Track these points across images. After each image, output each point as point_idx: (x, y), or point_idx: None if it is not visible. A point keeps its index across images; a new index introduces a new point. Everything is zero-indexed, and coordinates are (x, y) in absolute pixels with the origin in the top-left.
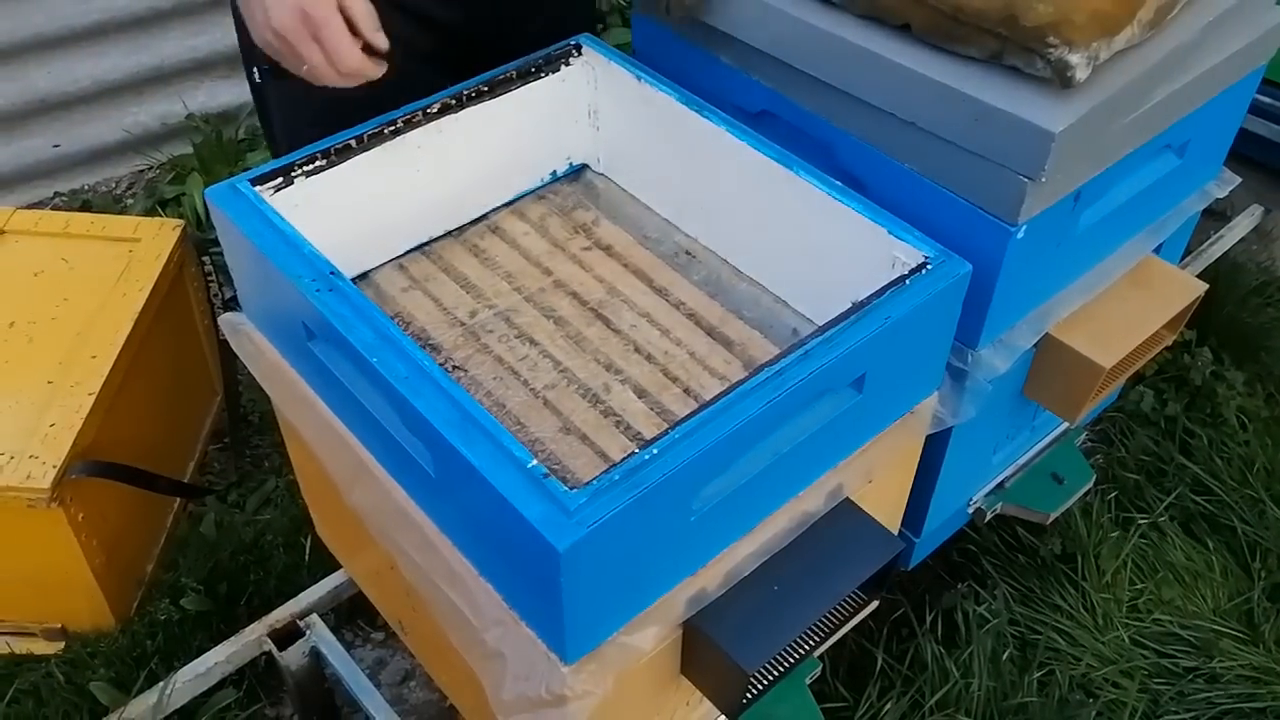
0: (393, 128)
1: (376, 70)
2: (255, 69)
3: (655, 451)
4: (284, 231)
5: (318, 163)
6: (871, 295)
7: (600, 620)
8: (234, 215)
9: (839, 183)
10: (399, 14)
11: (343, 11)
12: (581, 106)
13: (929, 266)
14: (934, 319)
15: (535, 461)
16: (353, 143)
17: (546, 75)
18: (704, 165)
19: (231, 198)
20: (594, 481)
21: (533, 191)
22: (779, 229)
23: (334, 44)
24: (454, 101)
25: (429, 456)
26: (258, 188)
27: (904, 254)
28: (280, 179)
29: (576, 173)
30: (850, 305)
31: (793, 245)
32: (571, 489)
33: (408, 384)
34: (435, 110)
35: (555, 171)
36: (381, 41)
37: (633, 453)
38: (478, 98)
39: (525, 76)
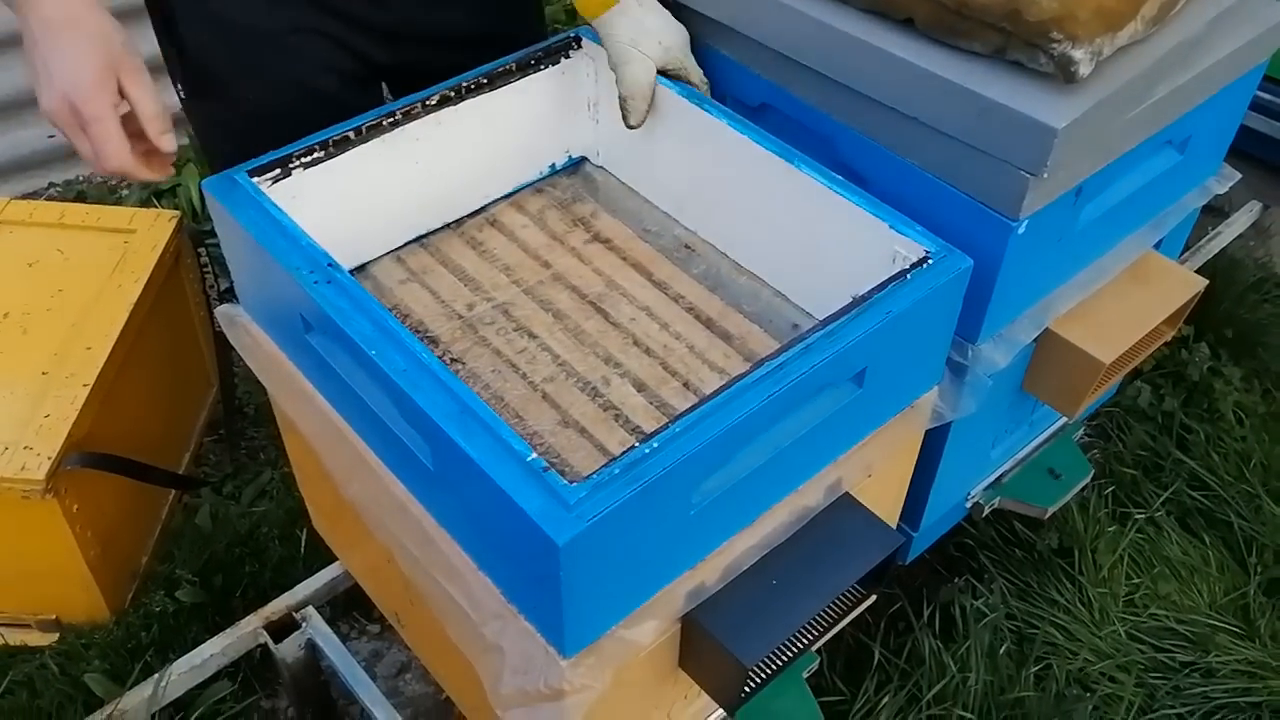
0: (391, 120)
1: (152, 174)
2: (177, 86)
3: (655, 445)
4: (281, 223)
5: (316, 154)
6: (872, 289)
7: (599, 614)
8: (231, 207)
9: (840, 177)
10: (327, 41)
11: (131, 103)
12: (581, 99)
13: (930, 261)
14: (935, 313)
15: (534, 455)
16: (351, 134)
17: (546, 68)
18: (704, 159)
19: (228, 189)
20: (594, 475)
21: (532, 184)
22: (779, 223)
23: (100, 143)
24: (453, 94)
25: (427, 450)
26: (255, 179)
27: (905, 248)
28: (278, 170)
29: (575, 165)
30: (851, 299)
31: (793, 239)
32: (571, 482)
33: (406, 377)
34: (434, 103)
35: (554, 164)
36: (168, 144)
37: (632, 446)
38: (477, 90)
39: (525, 69)
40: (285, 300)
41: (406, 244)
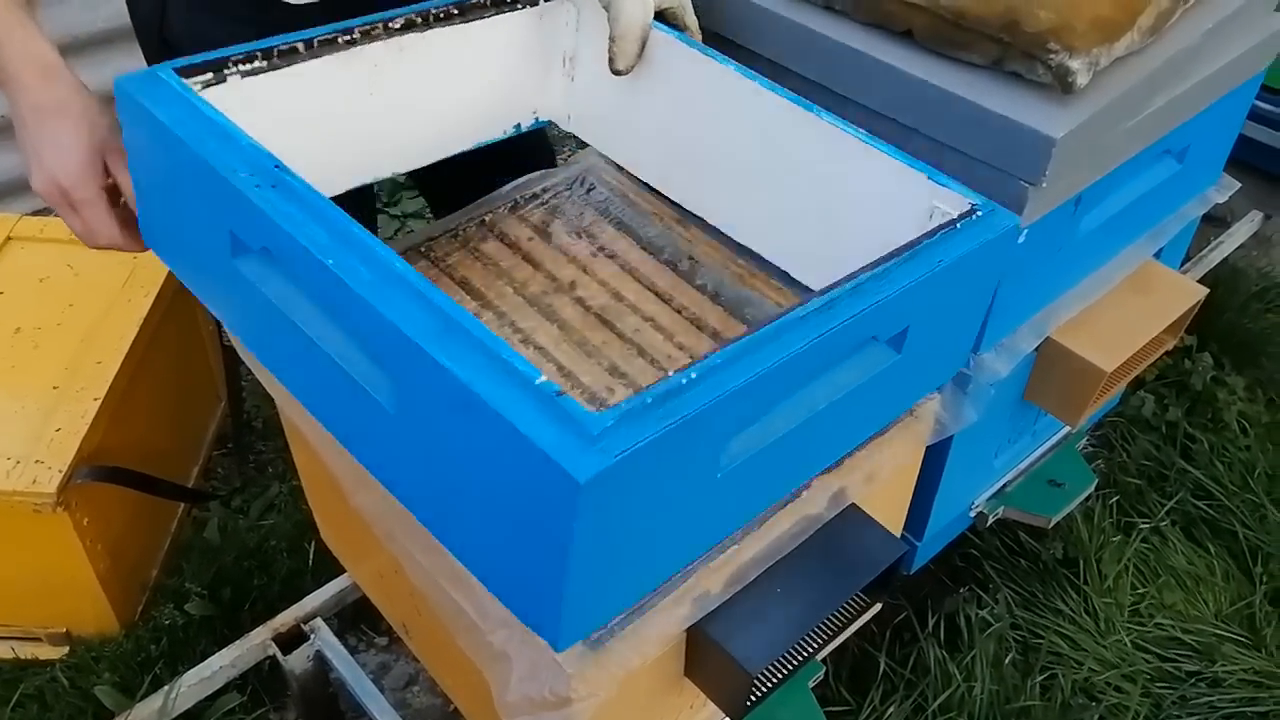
0: (348, 37)
1: (138, 246)
2: None
3: (694, 375)
4: (215, 120)
5: (257, 63)
6: (921, 236)
7: (603, 598)
8: (150, 103)
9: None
10: None
11: (118, 183)
12: (556, 52)
13: (979, 213)
14: (980, 274)
15: (544, 378)
16: (300, 46)
17: (524, 7)
18: (701, 115)
19: (149, 86)
20: (623, 403)
21: (495, 141)
22: (791, 185)
23: (92, 222)
24: (419, 19)
25: (388, 386)
26: (186, 79)
27: (946, 202)
28: (210, 74)
29: (539, 131)
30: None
31: (807, 205)
32: (594, 410)
33: (373, 289)
34: (398, 25)
35: (519, 125)
36: None
37: (667, 374)
38: (446, 20)
39: (500, 4)
40: (210, 218)
41: (411, 251)
